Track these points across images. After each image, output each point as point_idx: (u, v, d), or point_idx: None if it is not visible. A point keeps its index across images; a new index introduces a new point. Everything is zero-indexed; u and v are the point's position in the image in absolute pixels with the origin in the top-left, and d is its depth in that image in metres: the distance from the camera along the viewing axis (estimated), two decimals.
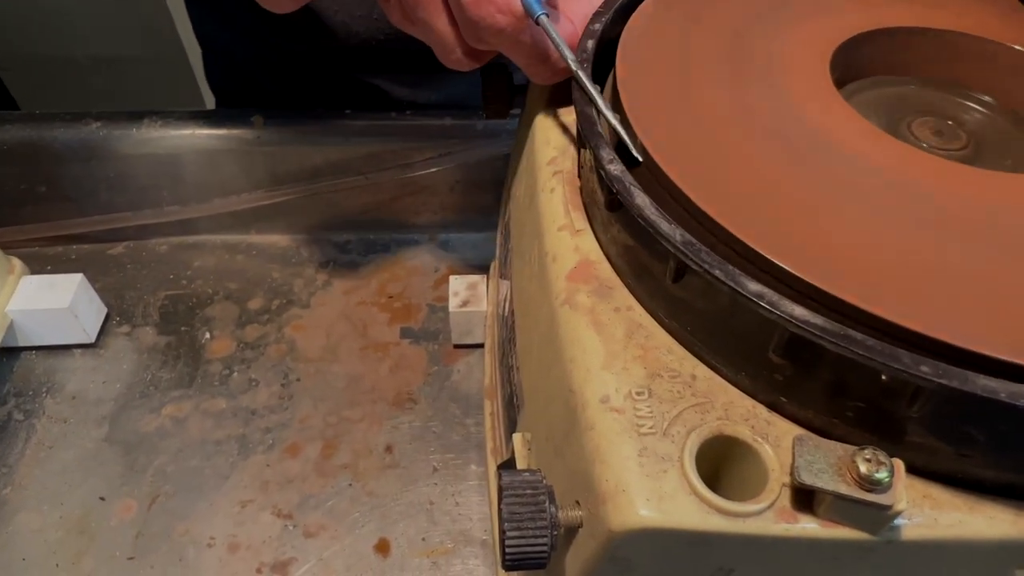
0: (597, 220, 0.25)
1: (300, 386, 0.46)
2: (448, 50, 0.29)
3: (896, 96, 0.27)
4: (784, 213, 0.20)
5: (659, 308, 0.22)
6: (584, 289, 0.23)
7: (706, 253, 0.19)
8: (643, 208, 0.20)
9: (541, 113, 0.30)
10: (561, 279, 0.24)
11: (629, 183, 0.21)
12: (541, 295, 0.25)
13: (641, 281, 0.22)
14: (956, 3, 0.28)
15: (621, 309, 0.23)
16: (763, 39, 0.27)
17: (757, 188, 0.21)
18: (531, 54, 0.28)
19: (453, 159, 0.49)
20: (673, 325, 0.22)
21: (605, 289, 0.23)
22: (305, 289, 0.51)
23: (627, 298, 0.23)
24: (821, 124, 0.23)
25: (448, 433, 0.44)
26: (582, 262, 0.24)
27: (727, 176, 0.21)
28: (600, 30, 0.27)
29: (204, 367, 0.46)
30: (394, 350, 0.48)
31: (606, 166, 0.21)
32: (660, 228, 0.19)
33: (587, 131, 0.22)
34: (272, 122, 0.50)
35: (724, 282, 0.18)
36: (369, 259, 0.53)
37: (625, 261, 0.23)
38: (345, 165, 0.50)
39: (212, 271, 0.52)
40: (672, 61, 0.26)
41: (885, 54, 0.27)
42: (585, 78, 0.24)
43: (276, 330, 0.49)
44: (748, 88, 0.25)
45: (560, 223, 0.25)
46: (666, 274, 0.20)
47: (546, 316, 0.24)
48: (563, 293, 0.23)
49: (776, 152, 0.23)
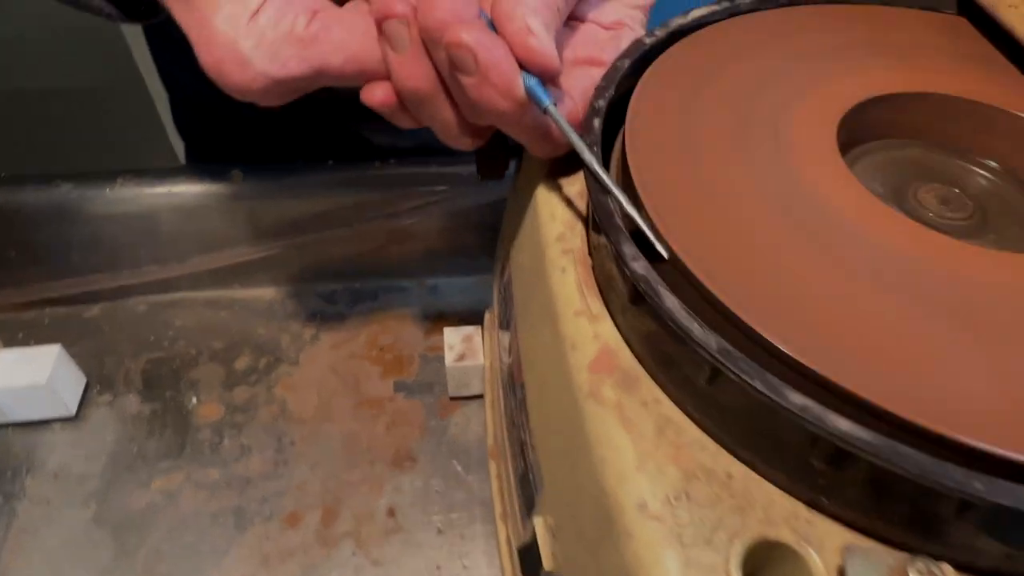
0: (615, 305, 0.24)
1: (295, 450, 0.44)
2: (452, 135, 0.29)
3: (901, 160, 0.27)
4: (812, 311, 0.20)
5: (687, 402, 0.22)
6: (608, 381, 0.23)
7: (744, 362, 0.18)
8: (674, 312, 0.19)
9: (542, 184, 0.30)
10: (583, 370, 0.23)
11: (656, 282, 0.20)
12: (561, 384, 0.24)
13: (667, 373, 0.22)
14: (955, 68, 0.28)
15: (648, 402, 0.22)
16: (768, 113, 0.27)
17: (782, 282, 0.21)
18: (532, 135, 0.28)
19: (440, 206, 0.49)
20: (704, 420, 0.21)
21: (630, 380, 0.23)
22: (293, 345, 0.50)
23: (653, 389, 0.22)
24: (838, 205, 0.23)
25: (450, 491, 0.43)
26: (603, 351, 0.23)
27: (751, 270, 0.21)
28: (605, 107, 0.26)
29: (193, 435, 0.45)
30: (389, 405, 0.47)
31: (630, 264, 0.21)
32: (694, 334, 0.19)
33: (605, 223, 0.22)
34: (252, 176, 0.49)
35: (765, 394, 0.18)
36: (357, 310, 0.52)
37: (648, 351, 0.23)
38: (329, 216, 0.49)
39: (195, 330, 0.50)
40: (681, 142, 0.26)
41: (889, 118, 0.27)
42: (602, 171, 0.23)
43: (266, 390, 0.47)
44: (759, 168, 0.25)
45: (576, 307, 0.25)
46: (698, 376, 0.20)
47: (568, 406, 0.24)
48: (586, 386, 0.23)
49: (795, 239, 0.22)
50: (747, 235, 0.22)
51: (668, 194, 0.23)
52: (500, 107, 0.25)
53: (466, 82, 0.25)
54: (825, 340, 0.19)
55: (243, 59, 0.26)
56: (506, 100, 0.25)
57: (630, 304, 0.22)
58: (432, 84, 0.27)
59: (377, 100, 0.28)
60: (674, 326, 0.19)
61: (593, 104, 0.26)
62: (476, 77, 0.25)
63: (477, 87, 0.25)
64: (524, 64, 0.25)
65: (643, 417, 0.22)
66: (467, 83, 0.25)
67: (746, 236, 0.22)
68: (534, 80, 0.25)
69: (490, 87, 0.25)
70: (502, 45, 0.25)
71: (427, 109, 0.27)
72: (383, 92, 0.27)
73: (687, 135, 0.26)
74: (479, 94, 0.25)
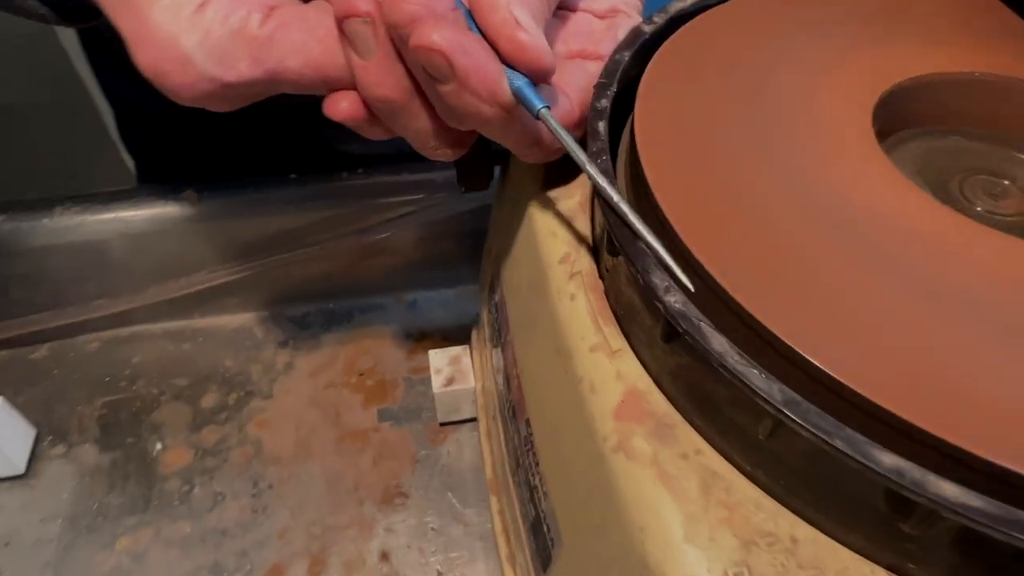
0: (639, 339, 0.21)
1: (273, 494, 0.41)
2: (430, 147, 0.25)
3: (942, 150, 0.24)
4: (883, 345, 0.17)
5: (737, 453, 0.18)
6: (639, 431, 0.19)
7: (817, 415, 0.15)
8: (726, 356, 0.16)
9: (537, 195, 0.26)
10: (607, 417, 0.20)
11: (697, 318, 0.17)
12: (579, 431, 0.21)
13: (709, 418, 0.19)
14: (989, 44, 0.25)
15: (689, 454, 0.19)
16: (792, 100, 0.23)
17: (841, 308, 0.18)
18: (522, 141, 0.24)
19: (415, 217, 0.45)
20: (758, 473, 0.18)
21: (664, 428, 0.19)
22: (265, 376, 0.46)
23: (693, 438, 0.19)
24: (888, 210, 0.20)
25: (448, 528, 0.40)
26: (629, 394, 0.20)
27: (803, 296, 0.18)
28: (609, 107, 0.23)
29: (160, 485, 0.41)
30: (374, 437, 0.43)
31: (664, 299, 0.17)
32: (753, 383, 0.16)
33: (627, 248, 0.19)
34: (208, 195, 0.44)
35: (850, 455, 0.14)
36: (332, 332, 0.48)
37: (685, 392, 0.19)
38: (296, 235, 0.45)
39: (155, 367, 0.46)
40: (699, 143, 0.22)
41: (926, 102, 0.24)
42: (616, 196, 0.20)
43: (237, 430, 0.43)
44: (793, 168, 0.22)
45: (591, 342, 0.22)
46: (755, 428, 0.17)
47: (590, 458, 0.21)
48: (613, 437, 0.20)
49: (847, 253, 0.19)
50: (792, 253, 0.19)
51: (693, 207, 0.20)
52: (484, 114, 0.22)
53: (443, 90, 0.22)
54: (905, 380, 0.16)
55: (185, 58, 0.22)
56: (491, 106, 0.22)
57: (663, 341, 0.19)
58: (405, 92, 0.23)
59: (343, 113, 0.24)
60: (728, 374, 0.16)
61: (595, 104, 0.23)
62: (454, 84, 0.21)
63: (456, 94, 0.21)
64: (511, 62, 0.22)
65: (685, 473, 0.19)
66: (444, 90, 0.22)
67: (791, 254, 0.19)
68: (523, 80, 0.22)
69: (471, 94, 0.21)
70: (482, 45, 0.21)
71: (401, 120, 0.24)
72: (349, 104, 0.24)
73: (705, 134, 0.22)
74: (459, 102, 0.22)
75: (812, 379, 0.16)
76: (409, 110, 0.23)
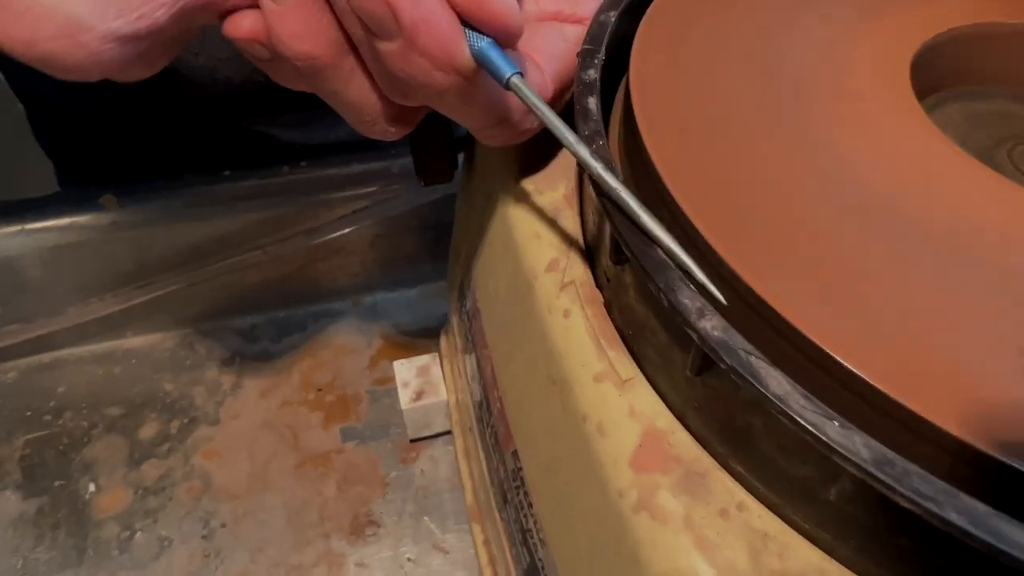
0: (654, 363, 0.17)
1: (228, 534, 0.36)
2: (367, 120, 0.20)
3: (987, 113, 0.21)
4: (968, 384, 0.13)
5: (791, 506, 0.15)
6: (664, 483, 0.16)
7: (920, 478, 0.11)
8: (787, 400, 0.12)
9: (512, 191, 0.22)
10: (622, 466, 0.16)
11: (746, 352, 0.13)
12: (587, 480, 0.17)
13: (755, 464, 0.15)
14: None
15: (730, 511, 0.15)
16: (813, 52, 0.20)
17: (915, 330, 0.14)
18: (484, 119, 0.20)
19: (369, 213, 0.40)
20: (821, 533, 0.14)
21: (695, 479, 0.16)
22: (210, 399, 0.41)
23: (732, 489, 0.15)
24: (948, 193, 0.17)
25: (426, 558, 0.36)
26: (648, 435, 0.16)
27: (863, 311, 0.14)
28: (599, 78, 0.19)
29: (95, 533, 0.36)
30: (338, 460, 0.39)
31: (699, 325, 0.13)
32: (830, 437, 0.12)
33: (645, 260, 0.15)
34: (129, 199, 0.39)
35: (971, 532, 0.11)
36: (284, 344, 0.43)
37: (719, 431, 0.16)
38: (235, 239, 0.40)
39: (83, 396, 0.41)
40: (711, 119, 0.18)
41: (967, 59, 0.20)
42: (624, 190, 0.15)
43: (182, 462, 0.38)
44: (821, 140, 0.18)
45: (595, 370, 0.18)
46: (828, 490, 0.13)
47: (603, 515, 0.17)
48: (632, 491, 0.16)
49: (903, 251, 0.15)
50: (837, 253, 0.15)
51: (712, 200, 0.16)
52: (437, 83, 0.17)
53: (384, 48, 0.17)
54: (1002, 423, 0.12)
55: (71, 23, 0.17)
56: (445, 72, 0.17)
57: (692, 374, 0.15)
58: (332, 49, 0.18)
59: (244, 31, 0.18)
60: (792, 424, 0.12)
61: (581, 76, 0.19)
62: (398, 41, 0.17)
63: (401, 55, 0.17)
64: (470, 20, 0.17)
65: (728, 536, 0.15)
66: (386, 50, 0.17)
67: (837, 256, 0.15)
68: (486, 41, 0.17)
69: (420, 55, 0.17)
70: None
71: (327, 84, 0.19)
72: (253, 22, 0.18)
73: (714, 107, 0.18)
74: (404, 65, 0.17)
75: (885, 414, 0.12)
76: (338, 72, 0.19)
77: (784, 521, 0.15)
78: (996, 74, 0.21)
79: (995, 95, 0.21)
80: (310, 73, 0.19)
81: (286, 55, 0.18)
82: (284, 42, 0.18)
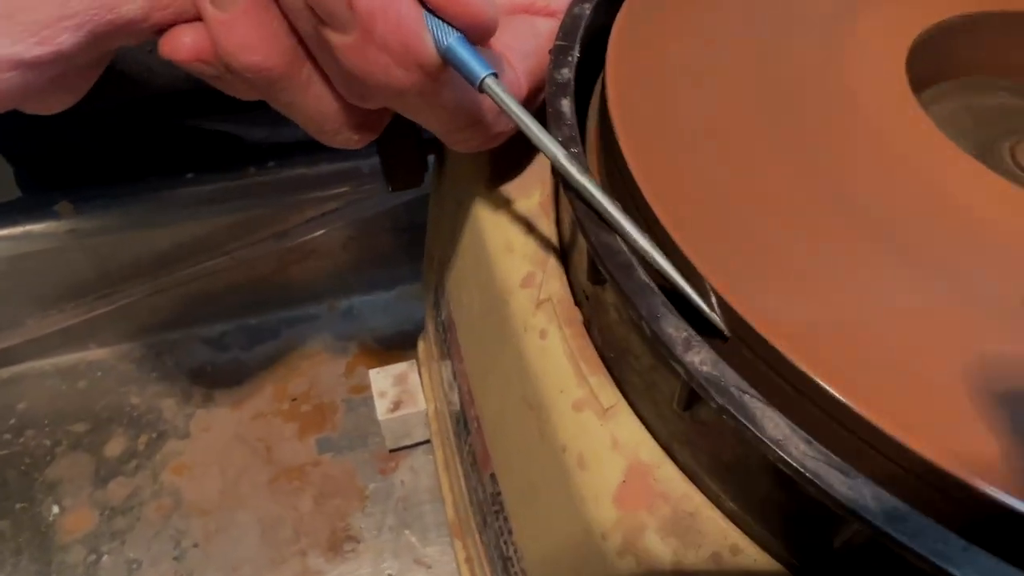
0: (638, 390, 0.15)
1: (200, 554, 0.35)
2: (327, 130, 0.19)
3: (986, 108, 0.19)
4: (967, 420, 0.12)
5: (792, 549, 0.13)
6: (651, 523, 0.14)
7: (934, 530, 0.10)
8: (787, 445, 0.11)
9: (484, 198, 0.21)
10: (605, 504, 0.15)
11: (739, 390, 0.12)
12: (569, 517, 0.16)
13: (751, 504, 0.14)
14: None
15: (723, 555, 0.14)
16: (804, 45, 0.18)
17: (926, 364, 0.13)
18: (451, 121, 0.18)
19: (341, 215, 0.39)
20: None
21: (684, 518, 0.14)
22: (179, 412, 0.39)
23: (725, 530, 0.14)
24: (955, 196, 0.15)
25: (408, 574, 0.34)
26: (632, 470, 0.15)
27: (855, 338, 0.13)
28: (573, 78, 0.17)
29: (60, 557, 0.34)
30: (314, 472, 0.37)
31: (685, 359, 0.12)
32: (835, 490, 0.10)
33: (625, 284, 0.13)
34: (87, 206, 0.37)
35: None
36: (256, 353, 0.42)
37: (711, 466, 0.14)
38: (200, 245, 0.39)
39: (45, 412, 0.39)
40: (692, 121, 0.17)
41: (967, 49, 0.19)
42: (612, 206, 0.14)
43: (151, 480, 0.37)
44: (815, 142, 0.16)
45: (574, 396, 0.16)
46: (832, 537, 0.12)
47: (586, 557, 0.15)
48: (616, 534, 0.14)
49: (907, 266, 0.14)
50: (836, 272, 0.14)
51: (698, 217, 0.15)
52: (396, 80, 0.16)
53: (338, 43, 0.15)
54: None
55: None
56: (406, 68, 0.16)
57: (680, 409, 0.14)
58: (286, 57, 0.17)
59: (186, 52, 0.17)
60: (791, 471, 0.11)
61: (553, 75, 0.17)
62: (353, 34, 0.15)
63: (357, 50, 0.15)
64: (439, 12, 0.16)
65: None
66: (340, 44, 0.15)
67: (835, 275, 0.14)
68: (455, 37, 0.16)
69: (378, 48, 0.15)
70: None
71: (282, 95, 0.17)
72: (195, 39, 0.17)
73: (699, 108, 0.17)
74: (361, 61, 0.16)
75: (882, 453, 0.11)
76: (293, 82, 0.17)
77: (784, 566, 0.14)
78: (996, 66, 0.19)
79: (995, 88, 0.19)
80: (263, 85, 0.17)
81: (236, 68, 0.17)
82: (233, 55, 0.16)
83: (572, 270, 0.18)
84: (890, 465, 0.11)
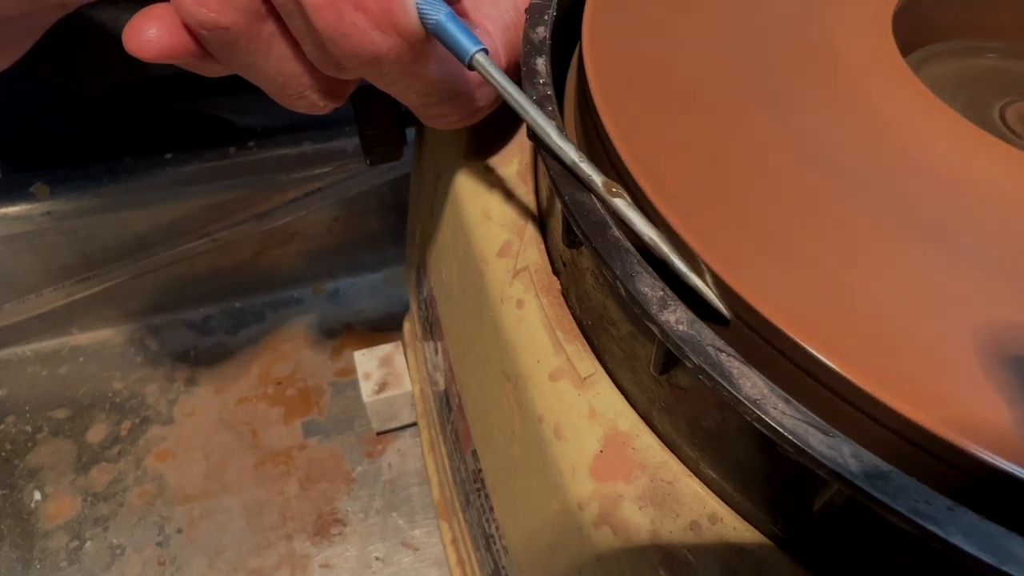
0: (616, 357, 0.15)
1: (184, 539, 0.34)
2: (290, 93, 0.18)
3: (976, 69, 0.19)
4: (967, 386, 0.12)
5: (772, 518, 0.13)
6: (628, 493, 0.14)
7: (917, 489, 0.10)
8: (764, 405, 0.10)
9: (462, 167, 0.20)
10: (582, 475, 0.14)
11: (716, 348, 0.11)
12: (546, 489, 0.15)
13: (730, 471, 0.13)
14: None
15: (701, 524, 0.13)
16: (787, 7, 0.18)
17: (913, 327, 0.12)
18: (432, 94, 0.18)
19: (324, 196, 0.38)
20: (803, 546, 0.13)
21: (662, 487, 0.14)
22: (163, 397, 0.39)
23: (704, 498, 0.14)
24: (942, 159, 0.15)
25: (395, 556, 0.34)
26: (609, 439, 0.14)
27: (843, 301, 0.12)
28: (548, 37, 0.16)
29: (42, 543, 0.34)
30: (300, 456, 0.37)
31: (660, 318, 0.11)
32: (812, 448, 0.10)
33: (603, 246, 0.13)
34: (63, 188, 0.36)
35: (984, 561, 0.09)
36: (240, 336, 0.41)
37: (689, 433, 0.14)
38: (181, 227, 0.38)
39: (26, 398, 0.39)
40: (671, 81, 0.16)
41: (955, 12, 0.18)
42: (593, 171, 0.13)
43: (134, 466, 0.36)
44: (796, 103, 0.16)
45: (551, 366, 0.16)
46: (812, 500, 0.11)
47: (563, 529, 0.15)
48: (593, 504, 0.14)
49: (895, 226, 0.14)
50: (821, 235, 0.13)
51: (679, 179, 0.14)
52: (372, 45, 0.15)
53: (310, 3, 0.15)
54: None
55: None
56: (384, 31, 0.15)
57: (657, 373, 0.13)
58: (246, 15, 0.16)
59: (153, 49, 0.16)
60: (769, 431, 0.10)
61: (528, 34, 0.17)
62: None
63: (331, 8, 0.15)
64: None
65: (700, 552, 0.13)
66: (312, 5, 0.15)
67: (819, 239, 0.13)
68: (445, 10, 0.15)
69: (354, 6, 0.15)
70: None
71: (242, 56, 0.17)
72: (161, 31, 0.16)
73: (678, 69, 0.16)
74: (335, 20, 0.15)
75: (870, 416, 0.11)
76: (254, 42, 0.16)
77: (763, 534, 0.13)
78: (985, 27, 0.19)
79: (984, 50, 0.19)
80: (220, 46, 0.16)
81: (194, 25, 0.16)
82: (191, 11, 0.16)
83: (550, 237, 0.17)
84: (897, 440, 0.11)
